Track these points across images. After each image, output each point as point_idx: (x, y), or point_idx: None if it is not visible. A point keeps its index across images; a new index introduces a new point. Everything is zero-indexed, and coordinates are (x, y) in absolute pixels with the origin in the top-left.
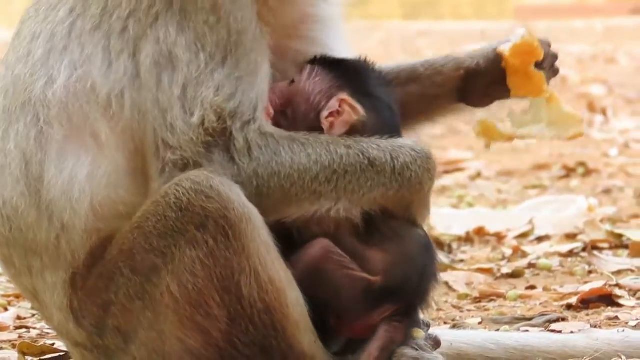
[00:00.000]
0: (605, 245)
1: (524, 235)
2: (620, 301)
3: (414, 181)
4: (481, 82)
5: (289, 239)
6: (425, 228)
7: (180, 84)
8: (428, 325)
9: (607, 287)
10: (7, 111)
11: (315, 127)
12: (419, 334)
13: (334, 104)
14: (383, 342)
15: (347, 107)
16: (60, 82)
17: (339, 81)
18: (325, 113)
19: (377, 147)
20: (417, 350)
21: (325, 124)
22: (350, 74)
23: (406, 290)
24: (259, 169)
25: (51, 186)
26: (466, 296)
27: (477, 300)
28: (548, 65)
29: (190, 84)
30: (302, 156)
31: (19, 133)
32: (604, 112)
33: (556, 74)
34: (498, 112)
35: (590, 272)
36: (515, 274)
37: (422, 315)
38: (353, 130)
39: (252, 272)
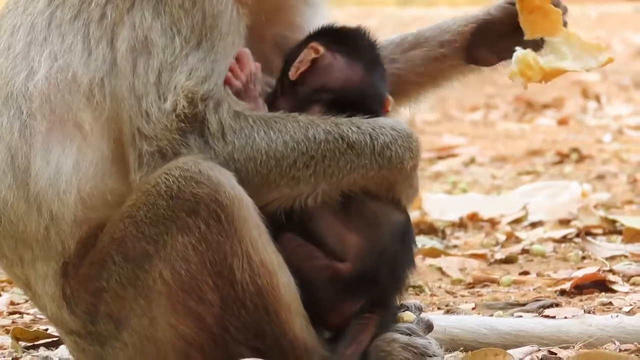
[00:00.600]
0: (599, 231)
1: (517, 221)
2: (614, 287)
3: (395, 161)
4: (492, 34)
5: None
6: (416, 213)
7: (156, 69)
8: (420, 309)
9: (600, 272)
10: None
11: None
12: (410, 317)
13: (305, 52)
14: (351, 340)
15: (311, 50)
16: (41, 74)
17: (318, 33)
18: (297, 60)
19: (357, 129)
20: (409, 335)
21: (291, 71)
22: (333, 32)
23: (376, 281)
24: (235, 154)
25: (38, 178)
26: (460, 281)
27: (470, 285)
28: (558, 2)
29: (165, 69)
30: (279, 143)
31: (2, 127)
32: (597, 98)
33: (566, 11)
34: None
35: (583, 257)
36: (509, 260)
37: (415, 300)
38: (319, 71)
39: (244, 255)
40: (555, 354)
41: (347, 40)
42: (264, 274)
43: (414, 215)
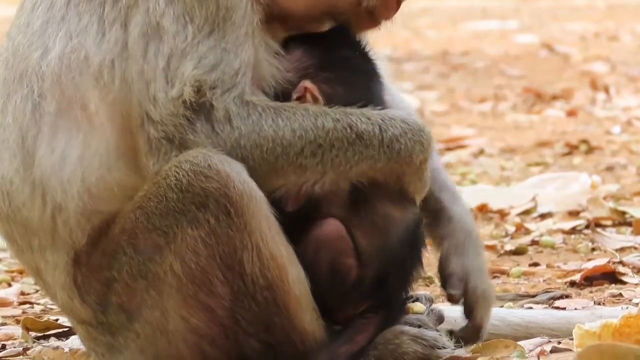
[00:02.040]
0: (609, 222)
1: (527, 212)
2: (624, 278)
3: (404, 154)
4: None
5: (296, 218)
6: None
7: (166, 55)
8: (431, 300)
9: (610, 264)
10: (6, 83)
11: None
12: (420, 308)
13: (300, 89)
14: (347, 339)
15: (310, 97)
16: (55, 53)
17: (307, 61)
18: (293, 95)
19: (367, 119)
20: (418, 326)
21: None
22: (322, 49)
23: (383, 285)
24: (242, 140)
25: (42, 164)
26: None
27: None
28: None
29: (174, 56)
30: (286, 131)
31: (16, 106)
32: (606, 89)
33: None
34: None
35: (593, 249)
36: (519, 251)
37: (425, 291)
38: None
39: (254, 249)
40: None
41: (338, 61)
42: (274, 267)
43: None
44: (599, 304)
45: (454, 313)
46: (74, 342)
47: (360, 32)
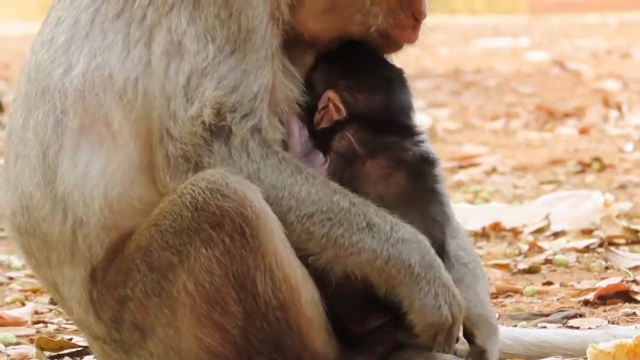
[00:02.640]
0: (622, 241)
1: (540, 231)
2: (638, 297)
3: (405, 258)
4: None
5: None
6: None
7: (186, 73)
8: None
9: (624, 283)
10: (28, 98)
11: None
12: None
13: (324, 99)
14: (367, 350)
15: (332, 106)
16: (78, 70)
17: (328, 71)
18: (319, 105)
19: (383, 216)
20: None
21: (316, 117)
22: (341, 58)
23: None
24: (260, 173)
25: (64, 179)
26: None
27: (494, 296)
28: None
29: (194, 74)
30: (304, 189)
31: (38, 121)
32: (618, 107)
33: None
34: None
35: (607, 268)
36: (532, 270)
37: None
38: (350, 117)
39: (267, 270)
40: None
41: (357, 68)
42: (286, 289)
43: None
44: (612, 323)
45: None
46: None
47: (386, 54)
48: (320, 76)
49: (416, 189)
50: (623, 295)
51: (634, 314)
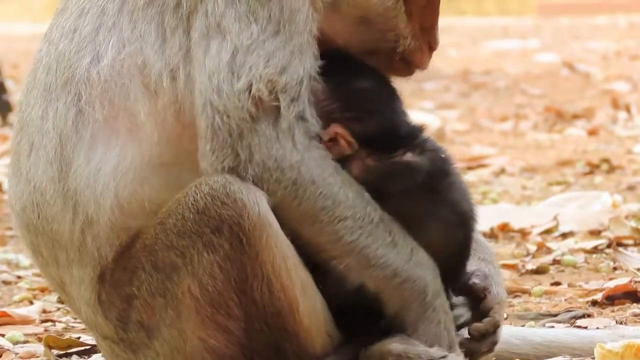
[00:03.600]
0: (630, 241)
1: (548, 232)
2: None
3: (420, 282)
4: None
5: None
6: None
7: (230, 51)
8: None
9: (632, 283)
10: (48, 89)
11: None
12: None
13: (330, 132)
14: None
15: (343, 141)
16: (107, 60)
17: (331, 104)
18: (325, 136)
19: (405, 238)
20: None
21: (325, 145)
22: (342, 86)
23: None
24: (302, 167)
25: (77, 174)
26: None
27: None
28: None
29: (239, 51)
30: (342, 192)
31: (58, 112)
32: (627, 108)
33: None
34: None
35: (615, 268)
36: (540, 270)
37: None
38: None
39: (265, 279)
40: None
41: (361, 95)
42: (284, 299)
43: None
44: (620, 323)
45: None
46: None
47: (393, 76)
48: (322, 105)
49: (437, 190)
50: (631, 295)
51: None
